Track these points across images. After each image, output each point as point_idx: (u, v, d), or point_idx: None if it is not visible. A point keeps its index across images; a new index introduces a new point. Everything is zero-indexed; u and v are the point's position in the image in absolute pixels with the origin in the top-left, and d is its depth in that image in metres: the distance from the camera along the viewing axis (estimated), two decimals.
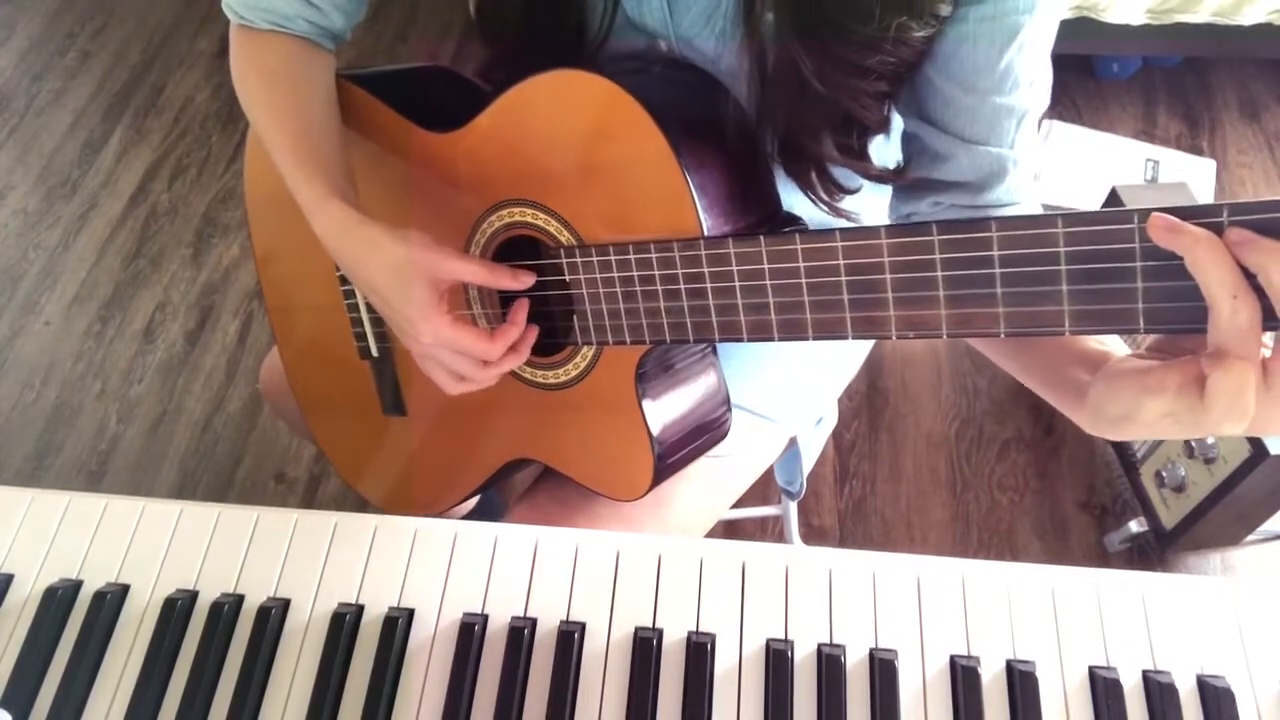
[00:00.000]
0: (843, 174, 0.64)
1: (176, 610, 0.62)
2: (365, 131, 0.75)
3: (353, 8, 0.74)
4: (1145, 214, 0.41)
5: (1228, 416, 0.40)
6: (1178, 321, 0.42)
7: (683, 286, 0.58)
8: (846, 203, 0.66)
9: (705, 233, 0.57)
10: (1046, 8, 0.55)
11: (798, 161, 0.63)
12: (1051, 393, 0.57)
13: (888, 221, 0.71)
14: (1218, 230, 0.39)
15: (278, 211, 0.82)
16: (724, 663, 0.58)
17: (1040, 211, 0.65)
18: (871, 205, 0.77)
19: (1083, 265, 0.44)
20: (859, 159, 0.63)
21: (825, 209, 0.66)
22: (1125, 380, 0.45)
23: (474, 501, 1.19)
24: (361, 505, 1.43)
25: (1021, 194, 0.63)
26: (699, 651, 0.58)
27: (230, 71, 0.74)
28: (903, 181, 0.66)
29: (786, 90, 0.59)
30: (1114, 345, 0.53)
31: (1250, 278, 0.39)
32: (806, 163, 0.63)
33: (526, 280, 0.65)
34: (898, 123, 0.66)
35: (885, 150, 0.70)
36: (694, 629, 0.59)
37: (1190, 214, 0.40)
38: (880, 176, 0.65)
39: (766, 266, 0.54)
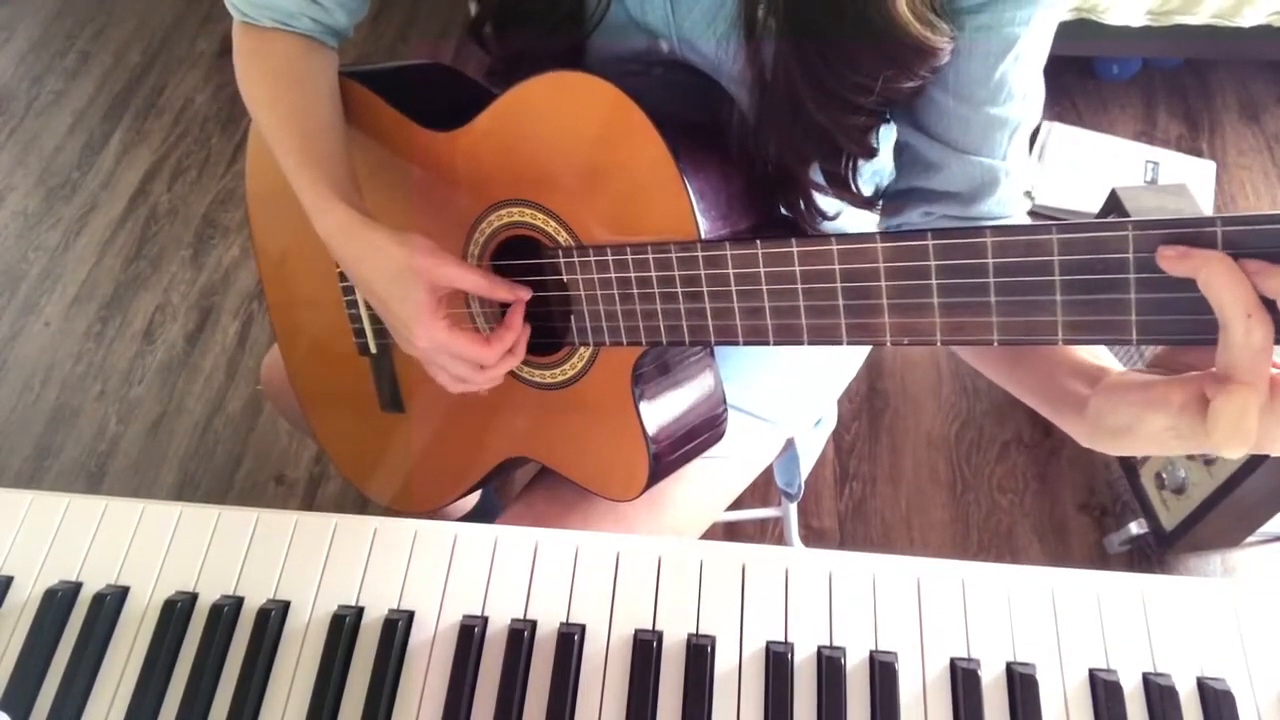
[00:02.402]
0: (825, 201, 0.65)
1: (176, 612, 0.62)
2: (366, 129, 0.75)
3: (356, 5, 0.74)
4: (1139, 224, 0.41)
5: (1229, 441, 0.40)
6: (1171, 333, 0.42)
7: (679, 289, 0.58)
8: (829, 226, 0.67)
9: (702, 236, 0.57)
10: (1042, 20, 0.55)
11: (786, 187, 0.63)
12: (1048, 406, 0.57)
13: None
14: (1211, 241, 0.39)
15: (279, 207, 0.82)
16: (724, 665, 0.58)
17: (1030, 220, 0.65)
18: (857, 226, 0.77)
19: (1076, 276, 0.44)
20: (845, 188, 0.63)
21: (809, 231, 0.66)
22: (1128, 393, 0.45)
23: (473, 500, 1.19)
24: (362, 506, 1.43)
25: (1013, 206, 0.63)
26: (699, 654, 0.58)
27: (232, 70, 0.74)
28: (878, 210, 0.67)
29: (781, 110, 0.59)
30: (1108, 360, 0.53)
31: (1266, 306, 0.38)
32: (795, 190, 0.63)
33: (523, 294, 0.65)
34: (886, 143, 0.66)
35: (870, 172, 0.70)
36: (694, 631, 0.59)
37: (1182, 225, 0.40)
38: (864, 203, 0.65)
39: (762, 270, 0.54)
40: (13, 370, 1.78)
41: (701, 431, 0.70)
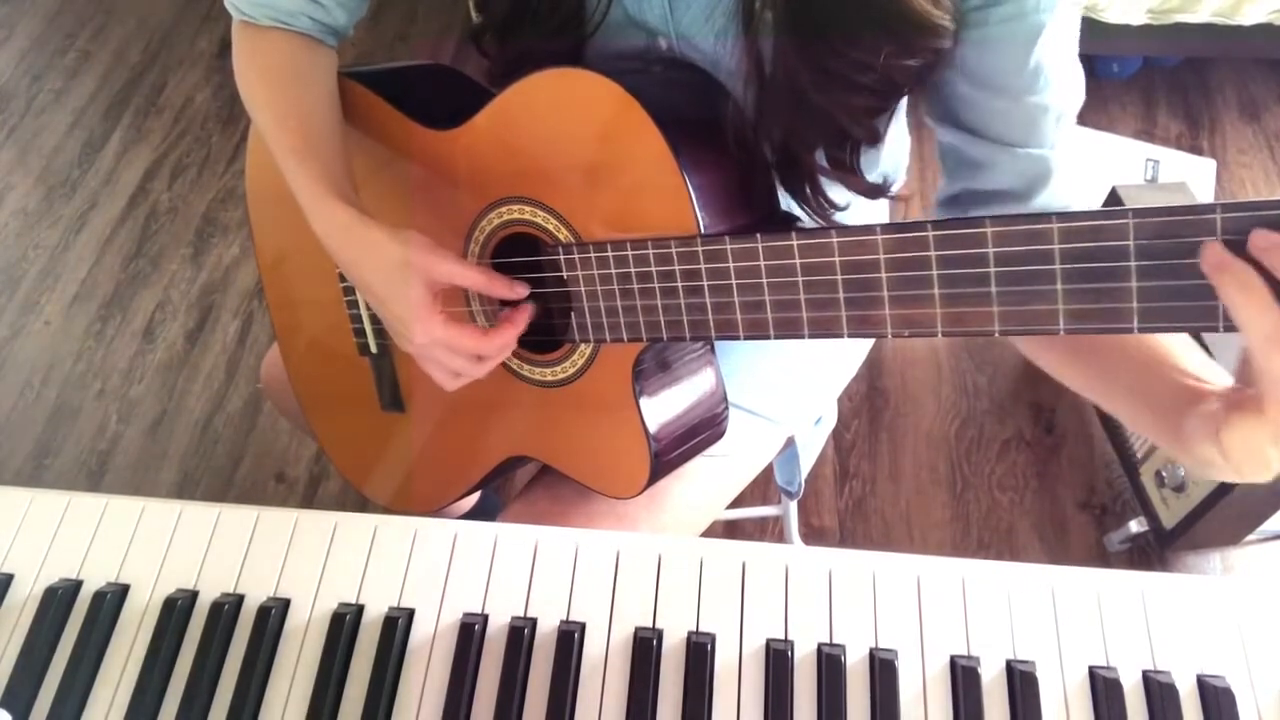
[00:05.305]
0: (834, 189, 0.65)
1: (176, 610, 0.62)
2: (366, 128, 0.75)
3: (355, 4, 0.74)
4: (1139, 212, 0.41)
5: (1244, 470, 0.40)
6: (1173, 321, 0.42)
7: (680, 284, 0.58)
8: (838, 218, 0.67)
9: (702, 231, 0.57)
10: (1066, 4, 0.55)
11: (792, 173, 0.63)
12: (1146, 425, 0.55)
13: None
14: (1211, 229, 0.39)
15: (279, 207, 0.82)
16: (724, 663, 0.58)
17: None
18: (867, 218, 0.77)
19: (1077, 264, 0.44)
20: (850, 172, 0.63)
21: (818, 222, 0.66)
22: (1198, 424, 0.45)
23: (473, 500, 1.19)
24: (362, 505, 1.43)
25: (1070, 195, 0.62)
26: (699, 651, 0.58)
27: (232, 70, 0.74)
28: (890, 197, 0.67)
29: (783, 100, 0.59)
30: (1210, 374, 0.51)
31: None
32: (800, 175, 0.63)
33: (522, 290, 0.65)
34: (890, 135, 0.66)
35: (875, 162, 0.70)
36: (694, 629, 0.59)
37: (1181, 213, 0.40)
38: (869, 191, 0.65)
39: (763, 264, 0.54)
40: (13, 369, 1.78)
41: (702, 429, 0.70)
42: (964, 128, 0.61)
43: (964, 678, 0.56)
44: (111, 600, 0.63)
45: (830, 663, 0.56)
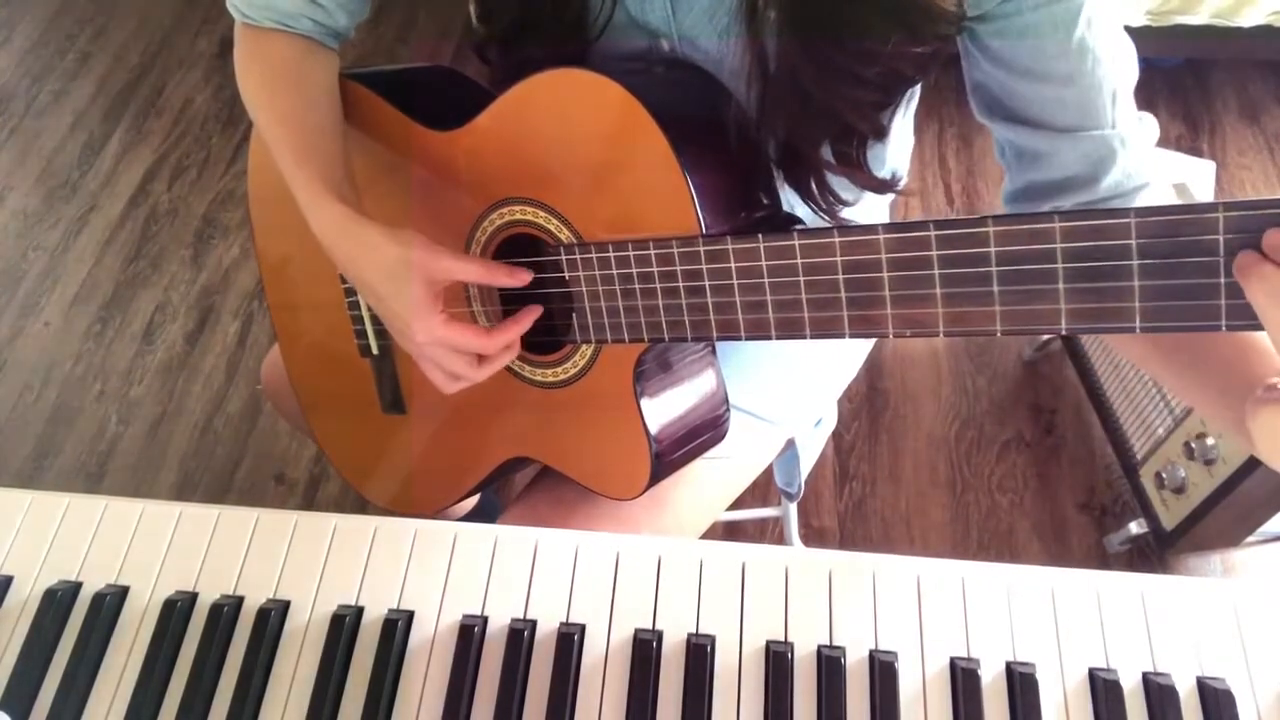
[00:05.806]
0: (841, 184, 0.64)
1: (176, 612, 0.62)
2: (368, 129, 0.75)
3: (356, 6, 0.74)
4: (1141, 212, 0.41)
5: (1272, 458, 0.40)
6: (1175, 319, 0.42)
7: (681, 284, 0.58)
8: (845, 213, 0.66)
9: (704, 231, 0.57)
10: None
11: (797, 169, 0.63)
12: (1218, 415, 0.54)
13: None
14: (1213, 228, 0.39)
15: (281, 208, 0.82)
16: (724, 664, 0.58)
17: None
18: (871, 216, 0.77)
19: (1079, 264, 0.44)
20: (856, 168, 0.63)
21: (825, 219, 0.66)
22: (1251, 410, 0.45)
23: (473, 502, 1.19)
24: (361, 506, 1.43)
25: (1144, 174, 0.60)
26: (699, 653, 0.58)
27: (233, 71, 0.75)
28: (899, 192, 0.67)
29: (787, 98, 0.59)
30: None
31: None
32: (806, 171, 0.63)
33: (524, 277, 0.65)
34: (895, 130, 0.66)
35: (882, 158, 0.70)
36: (694, 631, 0.59)
37: (1183, 212, 0.40)
38: (877, 186, 0.65)
39: (764, 264, 0.54)
40: (13, 370, 1.78)
41: (703, 431, 0.70)
42: (1018, 120, 0.60)
43: (964, 679, 0.56)
44: (111, 602, 0.63)
45: (830, 664, 0.56)
